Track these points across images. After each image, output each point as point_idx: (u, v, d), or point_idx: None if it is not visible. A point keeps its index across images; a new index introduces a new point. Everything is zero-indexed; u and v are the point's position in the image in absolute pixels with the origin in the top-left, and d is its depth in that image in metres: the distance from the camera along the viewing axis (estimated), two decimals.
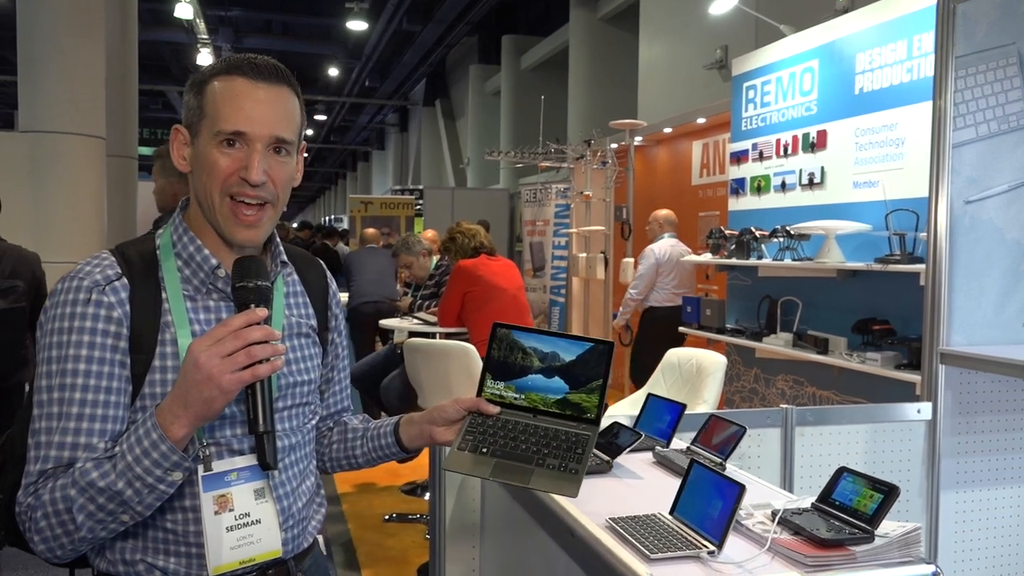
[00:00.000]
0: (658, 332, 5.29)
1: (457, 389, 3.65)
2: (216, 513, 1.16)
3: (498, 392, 1.33)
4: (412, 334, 4.51)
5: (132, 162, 8.79)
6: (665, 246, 5.78)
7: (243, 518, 1.18)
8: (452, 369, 3.70)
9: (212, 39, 17.07)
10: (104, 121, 7.32)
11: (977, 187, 2.53)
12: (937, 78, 2.49)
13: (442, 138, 20.78)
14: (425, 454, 2.02)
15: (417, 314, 5.02)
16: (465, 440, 1.29)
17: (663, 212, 6.02)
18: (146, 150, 14.10)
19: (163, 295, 1.18)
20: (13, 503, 1.19)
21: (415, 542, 4.08)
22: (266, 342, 1.09)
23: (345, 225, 14.19)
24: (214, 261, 1.21)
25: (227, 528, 1.17)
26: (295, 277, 1.34)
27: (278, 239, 1.31)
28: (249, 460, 1.20)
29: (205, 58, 16.70)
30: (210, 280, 1.21)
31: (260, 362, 1.08)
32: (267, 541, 1.20)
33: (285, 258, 1.31)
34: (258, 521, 1.19)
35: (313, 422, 1.34)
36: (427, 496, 2.05)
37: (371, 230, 7.76)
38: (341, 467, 1.44)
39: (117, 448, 1.08)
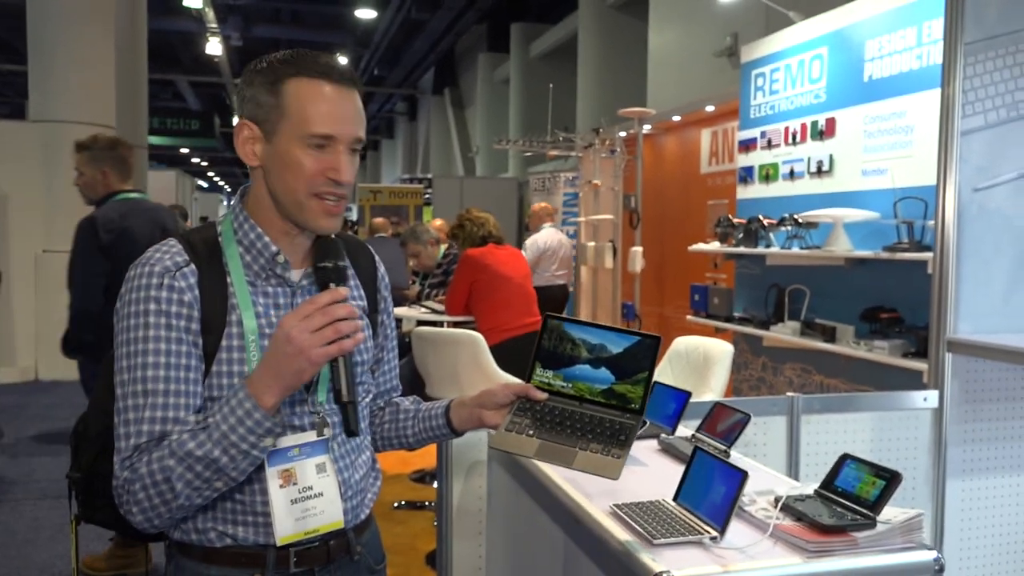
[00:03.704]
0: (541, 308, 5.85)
1: (465, 377, 3.67)
2: (281, 487, 1.24)
3: (547, 380, 1.39)
4: (420, 323, 4.53)
5: (142, 151, 8.83)
6: (545, 236, 7.02)
7: (306, 491, 1.25)
8: (460, 357, 3.72)
9: (221, 28, 17.06)
10: (114, 110, 7.35)
11: (986, 175, 2.51)
12: (946, 65, 2.47)
13: (451, 127, 20.76)
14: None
15: (425, 303, 5.04)
16: (513, 422, 1.35)
17: (540, 205, 7.30)
18: (156, 139, 14.17)
19: (228, 279, 1.25)
20: (91, 481, 1.30)
21: (424, 529, 4.10)
22: (348, 318, 1.17)
23: (354, 214, 14.22)
24: (274, 248, 1.27)
25: (291, 501, 1.24)
26: (346, 262, 1.40)
27: None
28: (310, 436, 1.27)
29: (214, 47, 16.70)
30: (270, 266, 1.27)
31: (344, 337, 1.16)
32: (330, 513, 1.27)
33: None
34: (320, 494, 1.26)
35: (367, 399, 1.40)
36: (435, 484, 2.07)
37: (380, 219, 7.79)
38: (392, 446, 1.50)
39: (210, 419, 1.16)
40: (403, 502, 4.48)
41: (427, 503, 4.44)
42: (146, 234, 3.36)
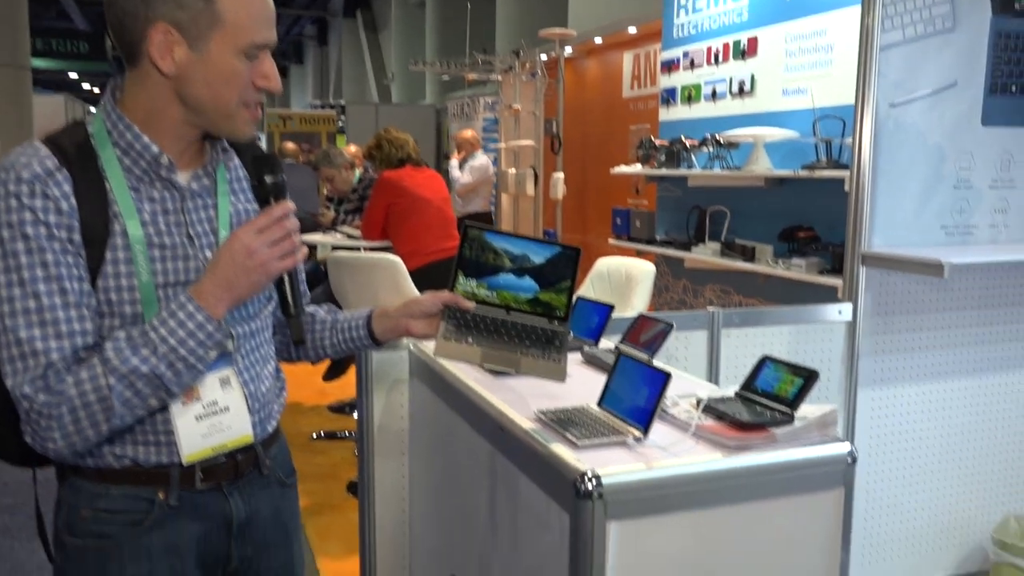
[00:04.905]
0: None
1: (384, 302, 3.57)
2: (184, 404, 1.19)
3: (470, 289, 1.41)
4: (336, 248, 4.39)
5: (25, 72, 8.17)
6: (485, 161, 7.01)
7: (211, 407, 1.21)
8: (379, 282, 3.62)
9: None
10: None
11: (902, 90, 2.53)
12: None
13: (364, 52, 20.05)
14: (352, 371, 1.97)
15: (340, 228, 4.88)
16: (449, 331, 1.36)
17: (471, 132, 7.28)
18: (41, 62, 13.10)
19: (107, 186, 1.15)
20: None
21: (344, 458, 4.07)
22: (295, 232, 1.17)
23: (263, 143, 13.67)
24: (155, 149, 1.17)
25: (196, 417, 1.20)
26: (236, 162, 1.31)
27: None
28: None
29: None
30: (153, 169, 1.18)
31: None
32: (237, 427, 1.24)
33: (226, 144, 1.28)
34: (226, 409, 1.22)
35: (269, 308, 1.33)
36: (355, 414, 2.02)
37: (290, 144, 7.46)
38: (308, 357, 1.48)
39: (152, 334, 1.10)
40: (322, 433, 4.42)
41: (347, 433, 4.39)
42: None
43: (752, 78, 3.91)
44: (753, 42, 3.92)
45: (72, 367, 1.09)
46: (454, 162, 7.27)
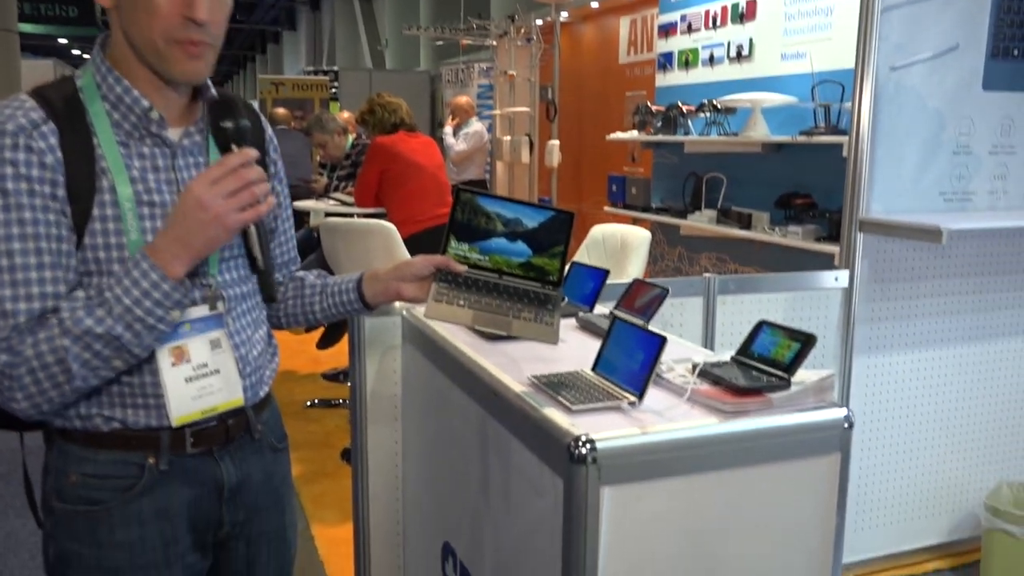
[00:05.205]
0: None
1: None
2: (173, 365, 1.16)
3: (462, 253, 1.39)
4: (329, 215, 4.35)
5: (12, 36, 8.04)
6: (481, 128, 6.78)
7: (201, 369, 1.18)
8: (372, 249, 3.58)
9: None
10: None
11: (903, 54, 2.49)
12: None
13: (358, 17, 19.74)
14: (346, 339, 1.95)
15: (333, 195, 4.83)
16: (440, 293, 1.34)
17: (466, 99, 7.06)
18: (29, 27, 12.86)
19: (94, 141, 1.11)
20: None
21: (338, 426, 4.06)
22: (258, 181, 1.10)
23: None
24: (146, 103, 1.13)
25: (186, 379, 1.17)
26: (248, 121, 1.25)
27: (209, 80, 1.22)
28: (202, 311, 1.19)
29: None
30: (143, 124, 1.14)
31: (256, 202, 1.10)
32: (228, 390, 1.21)
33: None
34: (217, 371, 1.20)
35: None
36: (348, 381, 2.02)
37: (281, 110, 7.33)
38: (298, 322, 1.44)
39: (108, 294, 1.06)
40: (316, 400, 4.42)
41: (340, 401, 4.38)
42: None
43: (750, 42, 3.85)
44: (752, 5, 3.85)
45: (34, 328, 1.06)
46: (448, 129, 7.17)
